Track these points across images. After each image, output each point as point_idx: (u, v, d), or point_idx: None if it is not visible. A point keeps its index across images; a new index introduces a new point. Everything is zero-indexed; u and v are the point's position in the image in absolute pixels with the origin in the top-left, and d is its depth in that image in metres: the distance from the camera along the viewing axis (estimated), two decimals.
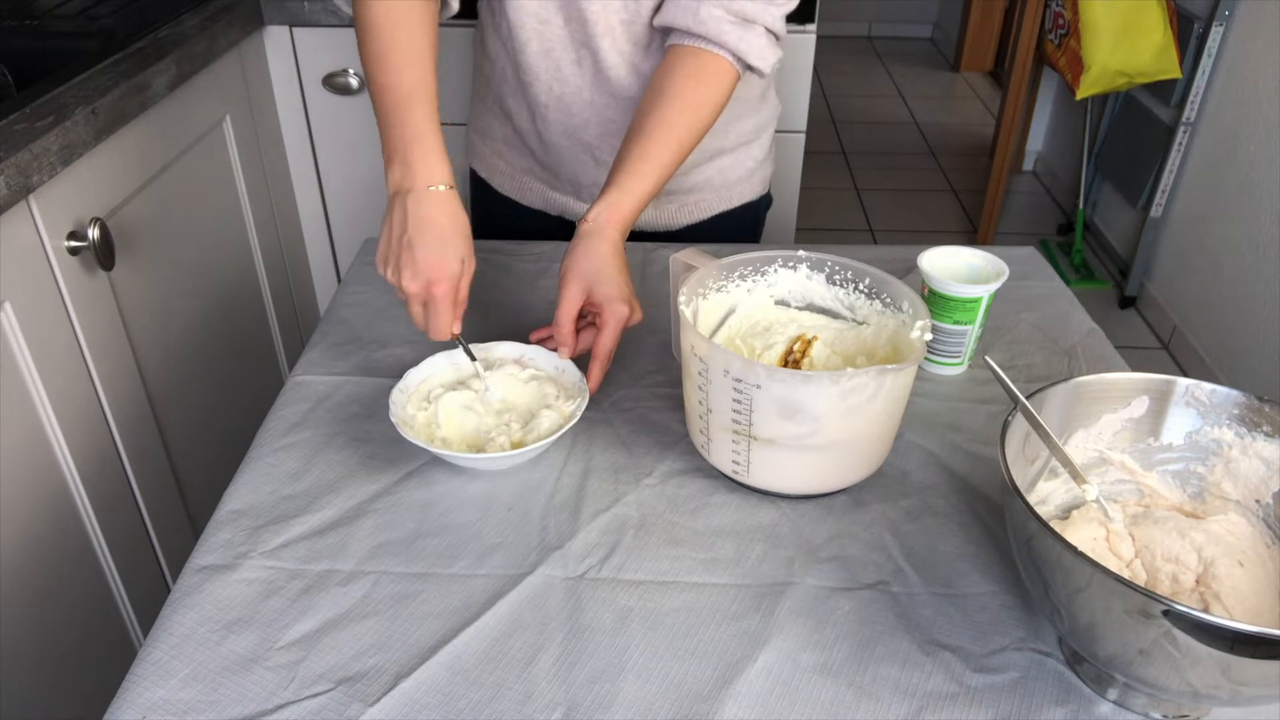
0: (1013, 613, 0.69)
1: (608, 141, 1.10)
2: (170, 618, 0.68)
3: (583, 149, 1.12)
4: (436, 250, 0.82)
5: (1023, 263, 1.13)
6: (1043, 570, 0.59)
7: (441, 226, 0.83)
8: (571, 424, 0.81)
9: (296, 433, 0.86)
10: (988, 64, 4.62)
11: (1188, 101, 2.47)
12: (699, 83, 0.95)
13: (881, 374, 0.70)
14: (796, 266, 0.87)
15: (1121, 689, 0.62)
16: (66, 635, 1.16)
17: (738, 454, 0.77)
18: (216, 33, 1.47)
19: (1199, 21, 2.42)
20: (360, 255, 1.14)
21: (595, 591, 0.70)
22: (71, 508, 1.16)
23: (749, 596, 0.70)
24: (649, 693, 0.63)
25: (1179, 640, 0.52)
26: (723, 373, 0.73)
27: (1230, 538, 0.66)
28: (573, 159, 1.13)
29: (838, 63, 4.76)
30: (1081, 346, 1.00)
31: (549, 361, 0.89)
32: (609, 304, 0.86)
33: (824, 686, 0.63)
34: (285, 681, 0.63)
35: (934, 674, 0.64)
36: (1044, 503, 0.72)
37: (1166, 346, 2.60)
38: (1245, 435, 0.68)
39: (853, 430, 0.74)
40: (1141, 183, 2.68)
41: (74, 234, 1.13)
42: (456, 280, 0.83)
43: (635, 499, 0.79)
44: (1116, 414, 0.71)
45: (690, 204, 1.21)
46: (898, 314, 0.82)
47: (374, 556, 0.73)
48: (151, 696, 0.62)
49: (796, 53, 1.64)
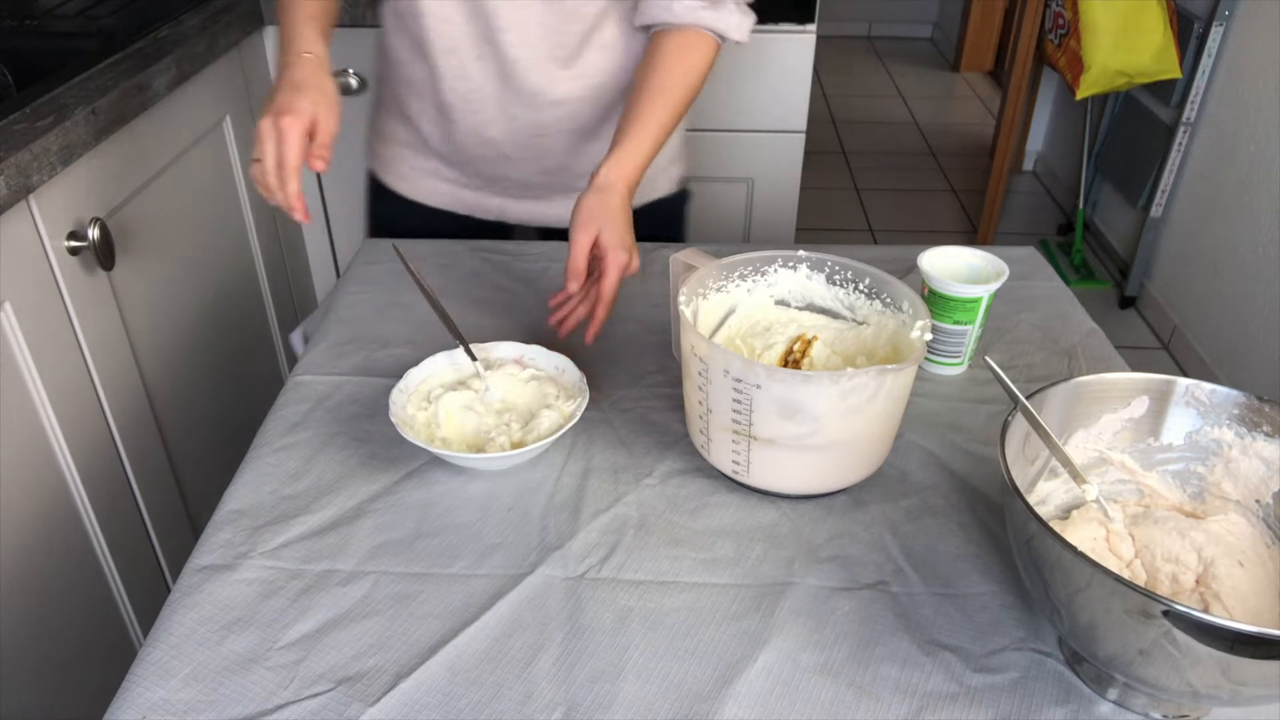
0: (1013, 613, 0.69)
1: (514, 138, 1.12)
2: (170, 618, 0.68)
3: (488, 145, 1.14)
4: (290, 93, 0.88)
5: (1023, 263, 1.13)
6: (1043, 570, 0.59)
7: (300, 80, 0.90)
8: (571, 424, 0.81)
9: (296, 433, 0.86)
10: (988, 64, 4.62)
11: (1188, 101, 2.47)
12: (684, 54, 1.04)
13: (881, 374, 0.70)
14: (796, 266, 0.87)
15: (1121, 689, 0.62)
16: (67, 635, 1.16)
17: (738, 454, 0.77)
18: (216, 33, 1.47)
19: (1199, 21, 2.42)
20: (360, 255, 1.14)
21: (595, 591, 0.70)
22: (71, 508, 1.16)
23: (749, 596, 0.70)
24: (649, 693, 0.63)
25: (1179, 640, 0.52)
26: (723, 373, 0.73)
27: (1230, 538, 0.66)
28: (480, 156, 1.16)
29: (838, 63, 4.76)
30: (1081, 346, 1.00)
31: (549, 361, 0.89)
32: (612, 250, 0.91)
33: (824, 686, 0.63)
34: (285, 681, 0.63)
35: (934, 674, 0.64)
36: (1044, 503, 0.72)
37: (1166, 346, 2.60)
38: (1245, 435, 0.68)
39: (853, 430, 0.74)
40: (1141, 183, 2.68)
41: (74, 234, 1.13)
42: (306, 116, 0.87)
43: (635, 499, 0.79)
44: (1116, 414, 0.71)
45: None
46: (898, 314, 0.82)
47: (374, 556, 0.73)
48: (151, 696, 0.62)
49: (796, 53, 1.65)
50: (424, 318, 0.99)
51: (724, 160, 1.75)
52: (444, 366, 0.88)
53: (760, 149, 1.74)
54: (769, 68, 1.65)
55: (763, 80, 1.66)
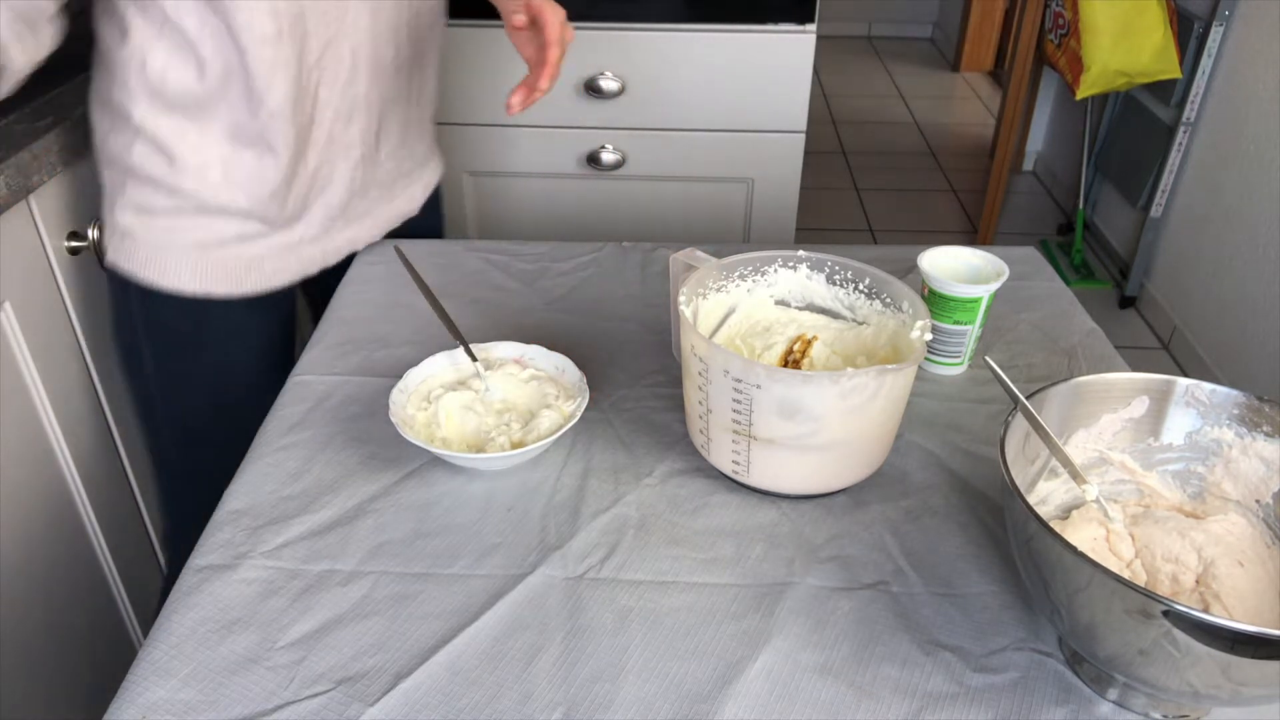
0: (1013, 613, 0.69)
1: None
2: (170, 618, 0.68)
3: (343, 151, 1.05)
4: None
5: (1023, 263, 1.13)
6: (1043, 570, 0.59)
7: None
8: (571, 424, 0.81)
9: (296, 433, 0.86)
10: (988, 64, 4.62)
11: (1188, 101, 2.47)
12: None
13: (881, 374, 0.70)
14: (796, 266, 0.87)
15: (1121, 689, 0.62)
16: (66, 636, 1.16)
17: (738, 454, 0.77)
18: None
19: (1199, 21, 2.42)
20: (361, 256, 1.14)
21: (595, 591, 0.70)
22: (71, 508, 1.16)
23: (749, 596, 0.70)
24: (649, 693, 0.63)
25: (1179, 640, 0.52)
26: (723, 373, 0.73)
27: (1230, 538, 0.66)
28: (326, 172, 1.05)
29: (838, 62, 4.76)
30: (1081, 346, 1.00)
31: (549, 361, 0.89)
32: (546, 4, 0.94)
33: (824, 686, 0.63)
34: (285, 682, 0.63)
35: (934, 674, 0.64)
36: (1044, 503, 0.72)
37: (1166, 346, 2.60)
38: (1245, 435, 0.68)
39: (853, 430, 0.74)
40: (1141, 183, 2.68)
41: (74, 234, 1.13)
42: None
43: (635, 499, 0.79)
44: (1116, 414, 0.71)
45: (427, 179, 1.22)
46: (898, 314, 0.82)
47: (374, 557, 0.73)
48: (151, 696, 0.62)
49: (796, 52, 1.64)
50: (424, 318, 0.99)
51: (723, 160, 1.75)
52: (444, 366, 0.88)
53: (760, 149, 1.74)
54: (769, 67, 1.65)
55: (762, 80, 1.66)
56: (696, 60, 1.65)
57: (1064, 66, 2.71)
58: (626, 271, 1.13)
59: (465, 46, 1.64)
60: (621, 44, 1.64)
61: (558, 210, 1.83)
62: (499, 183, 1.80)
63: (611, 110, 1.70)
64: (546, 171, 1.78)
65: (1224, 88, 2.39)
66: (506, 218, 1.85)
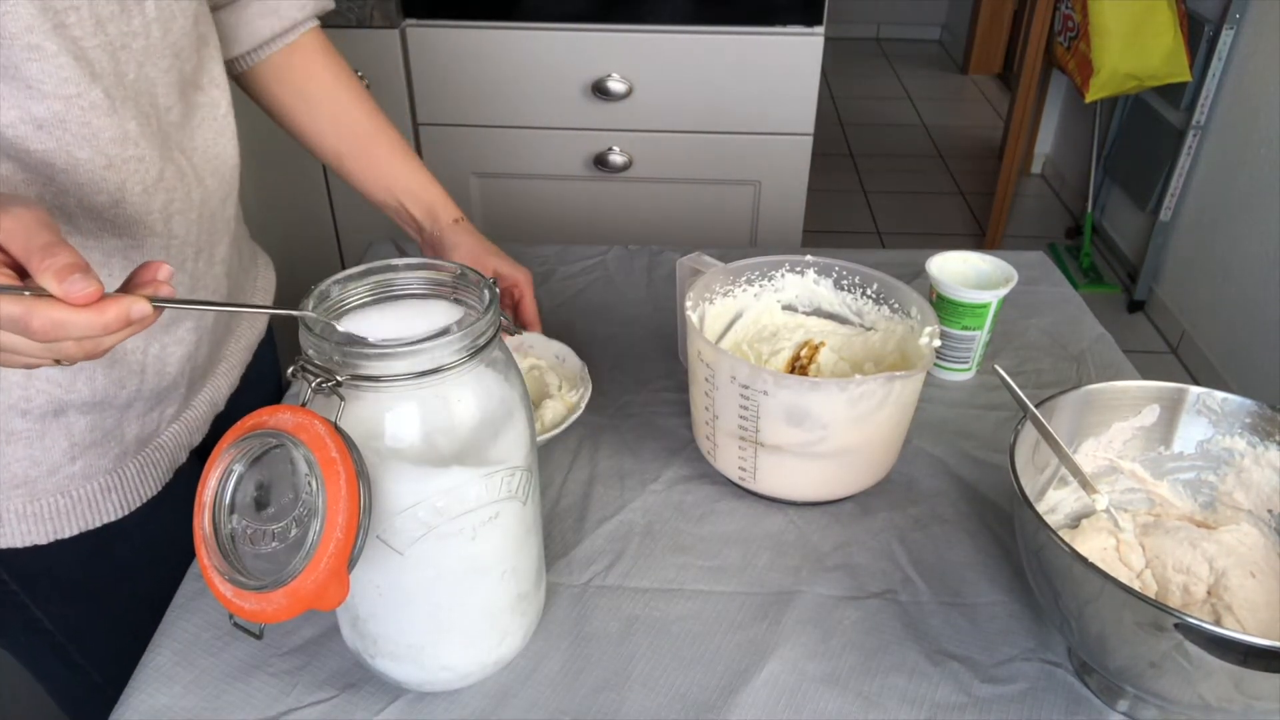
0: (1022, 622, 0.69)
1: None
2: (173, 624, 0.68)
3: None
4: None
5: (1031, 267, 1.12)
6: (1052, 580, 0.59)
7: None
8: (577, 414, 0.80)
9: None
10: (996, 66, 4.61)
11: (1198, 105, 2.46)
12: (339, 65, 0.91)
13: (890, 381, 0.69)
14: (804, 271, 0.86)
15: (1132, 701, 0.61)
16: None
17: (744, 460, 0.76)
18: None
19: (1209, 24, 2.41)
20: (368, 256, 1.14)
21: (600, 599, 0.70)
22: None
23: (755, 605, 0.70)
24: (654, 702, 0.62)
25: (1190, 653, 0.52)
26: (729, 378, 0.72)
27: (1242, 548, 0.66)
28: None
29: (846, 65, 4.75)
30: (1090, 352, 0.99)
31: (548, 349, 0.88)
32: (515, 271, 0.92)
33: (830, 696, 0.63)
34: (288, 688, 0.63)
35: (942, 684, 0.64)
36: (1053, 511, 0.71)
37: (1175, 351, 2.59)
38: (1258, 445, 0.67)
39: (860, 437, 0.73)
40: (1151, 186, 2.67)
41: None
42: None
43: (641, 505, 0.79)
44: (1127, 422, 0.70)
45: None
46: (906, 319, 0.81)
47: None
48: (154, 703, 0.62)
49: (804, 55, 1.64)
50: None
51: (731, 163, 1.75)
52: None
53: (767, 151, 1.73)
54: (777, 70, 1.64)
55: (770, 82, 1.66)
56: (704, 62, 1.65)
57: (1073, 69, 2.69)
58: (633, 274, 1.12)
59: (470, 49, 1.64)
60: (630, 46, 1.64)
61: (564, 212, 1.83)
62: (505, 184, 1.80)
63: (619, 112, 1.70)
64: (553, 173, 1.78)
65: (1234, 91, 2.38)
66: (513, 219, 1.84)
